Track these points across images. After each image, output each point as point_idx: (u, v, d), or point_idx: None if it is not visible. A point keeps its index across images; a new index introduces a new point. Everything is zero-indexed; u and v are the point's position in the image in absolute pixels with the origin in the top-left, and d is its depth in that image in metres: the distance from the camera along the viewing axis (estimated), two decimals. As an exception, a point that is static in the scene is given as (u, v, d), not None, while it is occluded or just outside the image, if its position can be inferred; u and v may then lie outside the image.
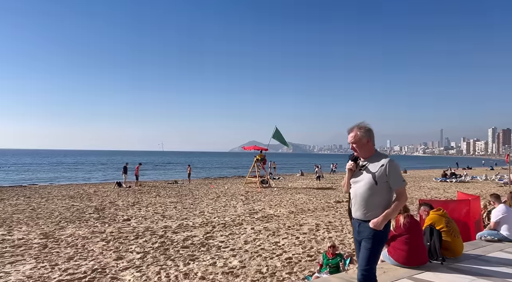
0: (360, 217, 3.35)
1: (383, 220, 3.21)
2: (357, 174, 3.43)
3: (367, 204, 3.30)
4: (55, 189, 22.09)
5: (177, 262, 7.04)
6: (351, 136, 3.41)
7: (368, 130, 3.39)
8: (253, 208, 14.06)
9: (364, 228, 3.31)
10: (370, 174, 3.32)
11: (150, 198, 17.39)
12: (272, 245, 8.39)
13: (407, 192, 17.83)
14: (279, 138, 23.89)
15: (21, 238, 8.80)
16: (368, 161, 3.39)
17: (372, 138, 3.40)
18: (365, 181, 3.35)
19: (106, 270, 6.52)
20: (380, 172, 3.26)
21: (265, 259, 7.26)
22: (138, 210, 13.49)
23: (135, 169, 25.35)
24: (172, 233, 9.52)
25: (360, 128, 3.39)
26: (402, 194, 3.29)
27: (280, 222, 11.09)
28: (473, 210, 6.82)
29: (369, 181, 3.30)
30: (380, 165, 3.28)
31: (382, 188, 3.26)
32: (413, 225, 4.68)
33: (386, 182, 3.26)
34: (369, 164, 3.36)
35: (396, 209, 3.26)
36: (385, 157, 3.36)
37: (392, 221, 4.72)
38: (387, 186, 3.27)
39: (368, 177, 3.33)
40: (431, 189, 22.40)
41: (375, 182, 3.26)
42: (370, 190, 3.26)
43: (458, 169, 49.70)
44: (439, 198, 17.36)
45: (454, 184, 26.96)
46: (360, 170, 3.45)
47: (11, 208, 13.85)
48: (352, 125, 3.46)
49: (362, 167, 3.42)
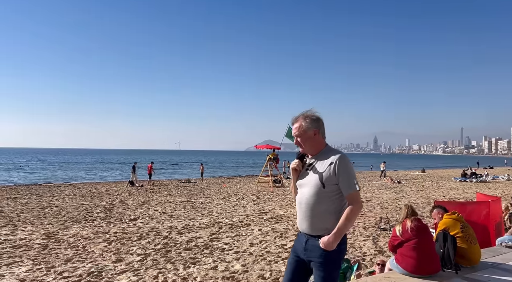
0: (306, 230, 2.69)
1: (335, 238, 2.53)
2: (303, 175, 2.77)
3: (314, 214, 2.64)
4: (68, 188, 22.17)
5: (177, 265, 6.75)
6: (295, 128, 2.76)
7: (316, 120, 2.73)
8: (263, 208, 13.72)
9: (313, 246, 2.64)
10: (317, 175, 2.65)
11: (160, 197, 17.22)
12: (279, 247, 8.04)
13: (425, 192, 17.17)
14: (291, 137, 23.38)
15: (23, 238, 8.66)
16: (316, 159, 2.74)
17: (321, 130, 2.75)
18: (311, 183, 2.68)
19: (102, 273, 6.27)
20: (328, 171, 2.60)
21: (269, 263, 6.91)
22: (146, 210, 13.30)
23: (147, 168, 25.30)
24: (177, 234, 9.26)
25: (306, 117, 2.73)
26: (355, 201, 2.57)
27: (289, 223, 10.72)
28: (493, 212, 6.30)
29: (316, 183, 2.64)
30: (329, 163, 2.61)
31: (331, 192, 2.61)
32: (421, 229, 4.23)
33: (336, 185, 2.60)
34: (317, 162, 2.70)
35: (348, 222, 2.54)
36: (336, 152, 2.68)
37: (397, 226, 4.31)
38: (339, 190, 2.61)
39: (314, 178, 2.66)
40: (449, 189, 21.65)
41: (322, 185, 2.60)
42: (317, 195, 2.62)
43: (479, 168, 48.33)
44: (457, 198, 16.71)
45: (474, 184, 26.06)
46: (307, 170, 2.77)
47: (21, 206, 13.84)
48: (297, 114, 2.79)
49: (309, 166, 2.75)
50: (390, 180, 27.45)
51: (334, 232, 2.54)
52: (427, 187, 23.42)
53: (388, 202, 15.58)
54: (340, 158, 2.61)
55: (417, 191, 20.44)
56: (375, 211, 13.04)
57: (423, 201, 15.78)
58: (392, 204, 14.78)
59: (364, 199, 16.40)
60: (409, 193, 19.55)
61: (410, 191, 20.69)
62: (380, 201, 15.95)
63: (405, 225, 4.25)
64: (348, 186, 2.57)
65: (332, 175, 2.59)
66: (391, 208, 13.62)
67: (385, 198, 17.09)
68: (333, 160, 2.61)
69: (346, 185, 2.57)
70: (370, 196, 17.72)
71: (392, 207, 14.05)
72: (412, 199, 16.74)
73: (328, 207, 2.61)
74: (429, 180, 29.47)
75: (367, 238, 8.88)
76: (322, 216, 2.64)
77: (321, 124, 2.77)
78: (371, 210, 13.28)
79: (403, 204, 14.64)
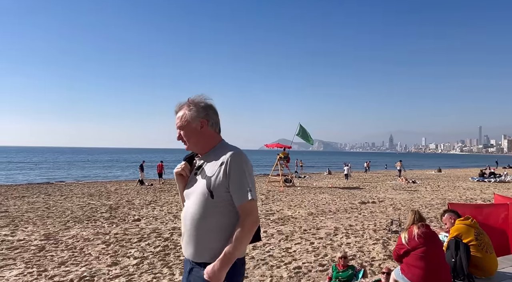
0: (191, 255, 2.01)
1: (221, 267, 1.86)
2: (191, 182, 2.11)
3: (200, 233, 1.97)
4: (78, 186, 22.16)
5: (173, 270, 6.44)
6: (177, 118, 2.10)
7: (204, 108, 2.08)
8: (271, 209, 13.34)
9: (197, 278, 1.98)
10: (204, 180, 1.99)
11: (168, 197, 17.00)
12: (282, 251, 7.66)
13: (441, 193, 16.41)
14: (302, 135, 22.92)
15: (22, 239, 8.47)
16: (205, 159, 2.09)
17: (211, 121, 2.10)
18: (197, 192, 2.01)
19: (94, 278, 5.99)
20: (218, 174, 1.95)
21: (271, 268, 6.55)
22: (152, 210, 13.07)
23: (157, 167, 25.17)
24: (179, 236, 8.96)
25: (191, 104, 2.08)
26: (247, 215, 1.92)
27: (296, 225, 10.33)
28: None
29: (202, 191, 1.98)
30: (219, 164, 1.97)
31: (223, 202, 1.95)
32: (430, 237, 3.81)
33: (229, 192, 1.95)
34: (207, 164, 2.06)
35: (239, 244, 1.89)
36: (231, 149, 2.03)
37: (403, 233, 3.90)
38: (231, 200, 1.96)
39: (201, 185, 2.00)
40: (466, 189, 20.91)
41: (209, 194, 1.95)
42: (204, 207, 1.95)
43: (498, 168, 46.97)
44: (474, 199, 16.06)
45: (493, 184, 25.19)
46: (195, 175, 2.09)
47: (27, 206, 13.76)
48: (183, 101, 2.13)
49: (197, 169, 2.10)
50: (405, 179, 26.76)
51: (221, 258, 1.87)
52: (443, 187, 22.70)
53: (402, 202, 15.04)
54: (233, 156, 1.96)
55: (432, 191, 19.78)
56: (387, 212, 12.55)
57: (438, 202, 15.18)
58: (405, 205, 14.24)
59: (376, 200, 15.90)
60: (424, 193, 18.92)
61: (425, 191, 20.05)
62: (393, 201, 15.41)
63: (411, 232, 3.84)
64: (239, 193, 1.93)
65: (223, 179, 1.94)
66: (404, 209, 13.09)
67: (398, 198, 16.53)
68: (225, 159, 1.96)
69: (237, 193, 1.93)
70: (383, 197, 17.17)
71: (405, 208, 13.52)
72: (427, 199, 16.15)
73: (218, 223, 1.95)
74: (445, 180, 28.65)
75: (377, 241, 8.44)
76: (210, 235, 1.95)
77: (212, 114, 2.11)
78: (383, 211, 12.79)
79: (417, 205, 14.17)
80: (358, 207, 13.79)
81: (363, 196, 17.33)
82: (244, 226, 1.91)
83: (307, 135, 22.97)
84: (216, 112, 2.15)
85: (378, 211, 12.82)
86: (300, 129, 22.99)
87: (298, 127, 23.07)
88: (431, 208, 13.51)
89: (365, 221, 10.88)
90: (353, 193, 18.77)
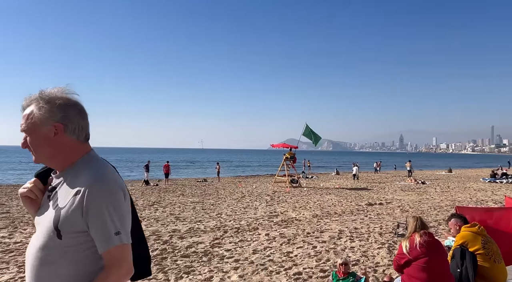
0: None
1: None
2: (43, 207, 1.53)
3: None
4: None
5: (169, 275, 6.23)
6: (23, 117, 1.49)
7: (61, 107, 1.47)
8: (275, 210, 13.10)
9: None
10: (53, 213, 1.44)
11: (172, 197, 16.86)
12: (283, 255, 7.41)
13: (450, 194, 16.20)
14: (308, 135, 22.61)
15: (19, 242, 8.34)
16: (63, 178, 1.52)
17: (71, 126, 1.49)
18: (42, 226, 1.46)
19: None
20: (70, 209, 1.41)
21: (270, 274, 6.30)
22: (154, 211, 12.91)
23: (163, 167, 25.08)
24: (178, 238, 8.77)
25: (42, 101, 1.46)
26: (114, 264, 1.42)
27: (299, 227, 10.07)
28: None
29: (48, 227, 1.43)
30: (74, 192, 1.43)
31: (76, 245, 1.42)
32: (432, 246, 3.54)
33: (86, 232, 1.42)
34: (61, 186, 1.50)
35: None
36: (92, 171, 1.47)
37: (404, 241, 3.63)
38: (91, 241, 1.43)
39: (49, 218, 1.44)
40: (477, 191, 20.42)
41: (56, 232, 1.41)
42: (46, 248, 1.42)
43: (510, 168, 46.11)
44: (485, 201, 15.63)
45: (505, 185, 24.61)
46: (48, 199, 1.52)
47: (30, 206, 13.70)
48: (33, 95, 1.51)
49: (51, 191, 1.54)
50: (414, 180, 26.31)
51: None
52: (453, 188, 22.23)
53: (410, 204, 14.68)
54: (92, 184, 1.41)
55: (442, 193, 19.35)
56: (394, 214, 12.22)
57: (447, 204, 14.79)
58: (413, 207, 13.89)
59: (384, 201, 15.56)
60: (433, 194, 18.51)
61: (434, 192, 19.62)
62: (401, 203, 15.06)
63: (413, 240, 3.57)
64: (102, 236, 1.41)
65: (77, 216, 1.39)
66: (412, 211, 12.75)
67: (406, 200, 16.16)
68: (82, 187, 1.41)
69: (100, 235, 1.41)
70: (390, 198, 16.82)
71: (413, 209, 13.18)
72: (436, 201, 15.76)
73: (67, 273, 1.41)
74: (456, 181, 28.12)
75: (382, 245, 8.14)
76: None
77: (74, 115, 1.50)
78: (390, 213, 12.46)
79: (425, 206, 13.81)
80: (365, 209, 13.47)
81: (370, 197, 16.99)
82: (107, 280, 1.41)
83: (312, 136, 22.61)
84: (82, 112, 1.54)
85: (385, 213, 12.49)
86: (306, 129, 22.69)
87: (305, 127, 22.79)
88: (440, 210, 13.14)
89: (371, 223, 10.58)
90: (360, 194, 18.44)
